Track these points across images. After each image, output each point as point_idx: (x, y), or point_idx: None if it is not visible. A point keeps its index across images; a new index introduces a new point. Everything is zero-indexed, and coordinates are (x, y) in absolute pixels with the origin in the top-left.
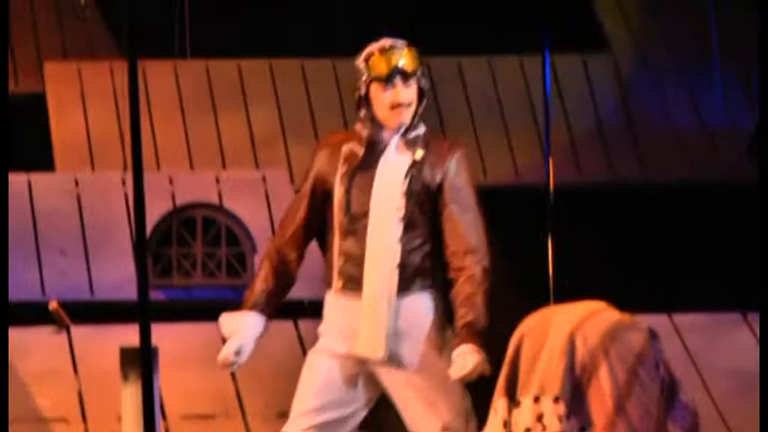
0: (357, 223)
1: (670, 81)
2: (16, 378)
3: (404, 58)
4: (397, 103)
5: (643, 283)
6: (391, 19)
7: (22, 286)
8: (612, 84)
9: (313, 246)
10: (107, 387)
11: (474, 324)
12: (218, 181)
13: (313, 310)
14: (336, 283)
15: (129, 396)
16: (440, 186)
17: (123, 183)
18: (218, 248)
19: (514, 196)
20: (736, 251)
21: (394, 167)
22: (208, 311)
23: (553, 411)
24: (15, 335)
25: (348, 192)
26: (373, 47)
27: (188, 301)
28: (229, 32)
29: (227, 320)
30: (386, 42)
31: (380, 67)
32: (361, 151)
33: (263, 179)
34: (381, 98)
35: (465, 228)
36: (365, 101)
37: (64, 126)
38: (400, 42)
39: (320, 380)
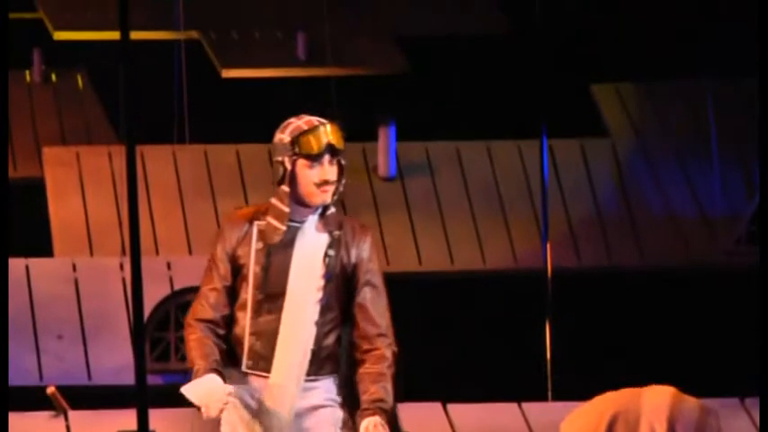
0: (273, 302)
1: (668, 167)
2: None
3: (333, 135)
4: (325, 180)
5: (641, 369)
6: (389, 103)
7: (19, 371)
8: (610, 169)
9: None
10: None
11: (384, 402)
12: None
13: None
14: (246, 361)
15: None
16: (354, 268)
17: (121, 267)
18: None
19: (513, 282)
20: (734, 337)
21: (312, 247)
22: None
23: None
24: (14, 420)
25: (265, 270)
26: (299, 122)
27: (184, 384)
28: (228, 115)
29: (195, 388)
30: (312, 119)
31: (311, 145)
32: (280, 228)
33: None
34: (308, 175)
35: (378, 311)
36: (290, 177)
37: (62, 211)
38: (323, 119)
39: None
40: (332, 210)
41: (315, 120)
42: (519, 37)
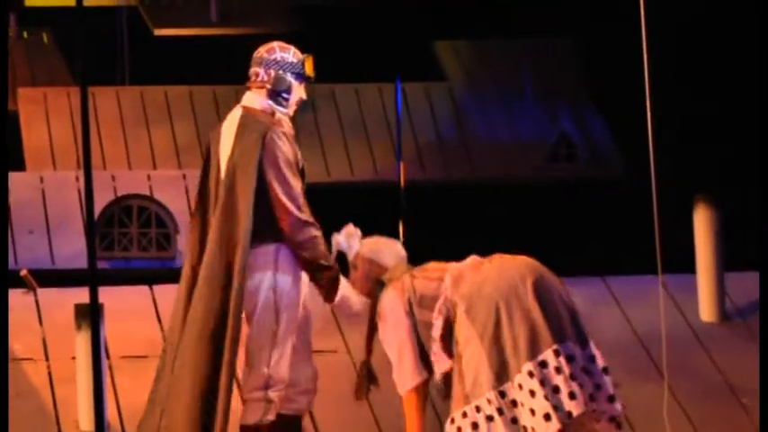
0: None
1: (492, 104)
2: None
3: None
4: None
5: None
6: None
7: None
8: (449, 106)
9: None
10: (65, 335)
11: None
12: (149, 178)
13: None
14: None
15: (82, 341)
16: None
17: (77, 179)
18: (150, 229)
19: (375, 190)
20: (543, 237)
21: None
22: (141, 277)
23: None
24: None
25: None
26: (294, 49)
27: (126, 269)
28: (159, 64)
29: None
30: (297, 50)
31: (311, 70)
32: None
33: (184, 176)
34: (301, 93)
35: None
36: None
37: (32, 136)
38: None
39: None
40: None
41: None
42: (381, 5)
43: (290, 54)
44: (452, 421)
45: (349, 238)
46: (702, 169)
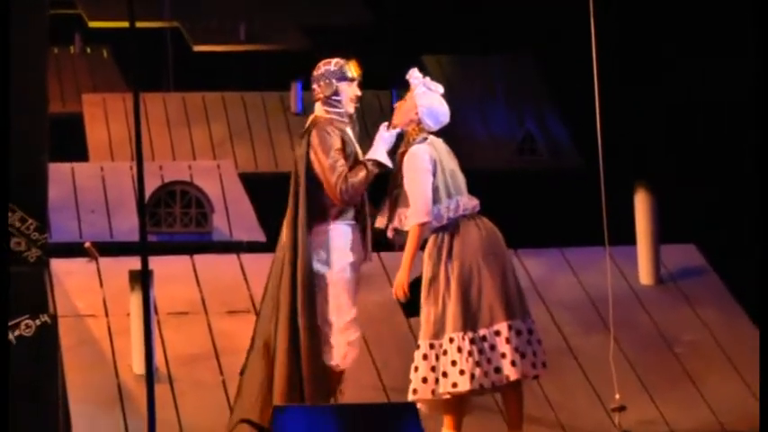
0: None
1: (470, 107)
2: (62, 291)
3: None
4: (358, 95)
5: None
6: (297, 67)
7: (67, 233)
8: None
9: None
10: (121, 295)
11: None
12: (190, 167)
13: (251, 248)
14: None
15: (135, 301)
16: None
17: (131, 168)
18: (190, 209)
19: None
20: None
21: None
22: (183, 248)
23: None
24: (62, 264)
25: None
26: (336, 60)
27: (171, 242)
28: (197, 74)
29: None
30: (339, 59)
31: (353, 70)
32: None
33: (218, 166)
34: (351, 91)
35: None
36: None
37: (94, 134)
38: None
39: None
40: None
41: (341, 59)
42: (379, 27)
43: (332, 64)
44: (418, 347)
45: (417, 75)
46: (642, 160)
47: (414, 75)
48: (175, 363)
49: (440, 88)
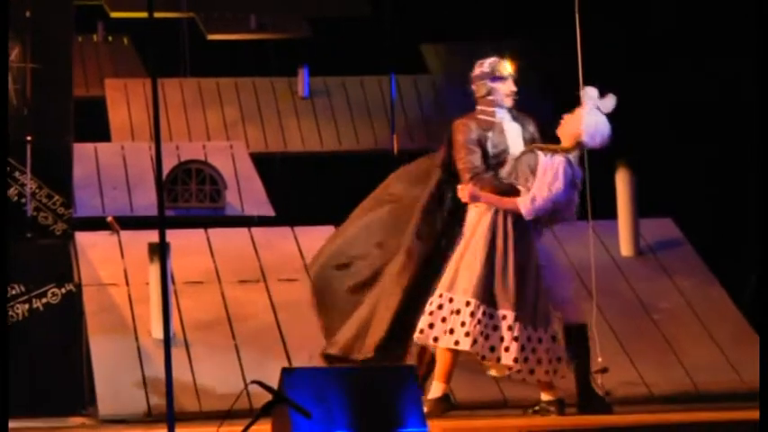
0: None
1: (463, 91)
2: (86, 261)
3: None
4: (513, 90)
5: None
6: (305, 54)
7: (90, 208)
8: (431, 92)
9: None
10: (141, 266)
11: None
12: (204, 147)
13: (261, 222)
14: None
15: (154, 270)
16: None
17: (150, 148)
18: (205, 186)
19: (375, 157)
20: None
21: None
22: (198, 222)
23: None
24: (86, 237)
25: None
26: (489, 60)
27: (187, 216)
28: (212, 61)
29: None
30: (493, 59)
31: (501, 69)
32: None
33: (231, 146)
34: (506, 87)
35: None
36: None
37: (116, 116)
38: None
39: None
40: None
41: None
42: (381, 17)
43: (485, 65)
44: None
45: (590, 94)
46: (623, 140)
47: (589, 93)
48: (191, 328)
49: (609, 105)
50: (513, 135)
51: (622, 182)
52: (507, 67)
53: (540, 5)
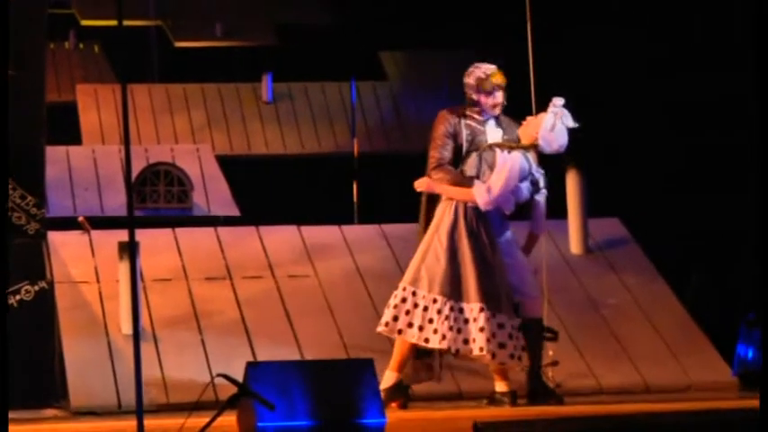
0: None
1: (418, 97)
2: (58, 260)
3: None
4: (500, 102)
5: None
6: (267, 61)
7: (62, 208)
8: (389, 98)
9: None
10: (111, 264)
11: None
12: (172, 150)
13: (227, 222)
14: None
15: (123, 268)
16: None
17: (119, 151)
18: (173, 187)
19: (336, 159)
20: None
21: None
22: (166, 222)
23: None
24: (59, 236)
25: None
26: (480, 72)
27: (155, 216)
28: (179, 67)
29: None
30: (483, 72)
31: (491, 85)
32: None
33: (197, 150)
34: (490, 101)
35: None
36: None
37: (87, 120)
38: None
39: None
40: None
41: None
42: (342, 26)
43: (472, 78)
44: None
45: (557, 104)
46: (572, 144)
47: (555, 103)
48: (159, 324)
49: (569, 122)
50: (495, 138)
51: (572, 184)
52: (493, 82)
53: (492, 19)
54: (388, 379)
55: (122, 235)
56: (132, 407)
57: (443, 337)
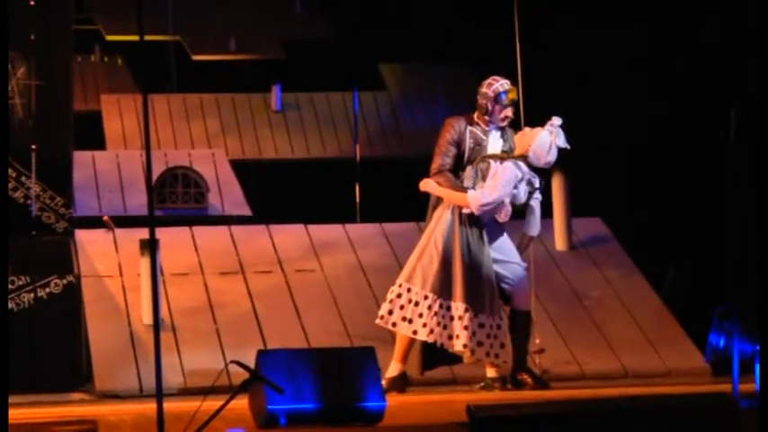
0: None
1: (415, 106)
2: (85, 256)
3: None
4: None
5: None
6: (278, 73)
7: (88, 209)
8: (388, 106)
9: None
10: (133, 259)
11: None
12: (189, 155)
13: (239, 221)
14: None
15: (144, 263)
16: None
17: (141, 155)
18: (190, 189)
19: (339, 163)
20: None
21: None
22: (184, 221)
23: None
24: (85, 234)
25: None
26: (497, 85)
27: (174, 215)
28: (196, 79)
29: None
30: (500, 85)
31: (508, 99)
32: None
33: (213, 154)
34: (502, 114)
35: None
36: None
37: (110, 127)
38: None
39: None
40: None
41: (508, 83)
42: (345, 40)
43: (491, 89)
44: (400, 286)
45: (554, 123)
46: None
47: (553, 122)
48: (178, 315)
49: (561, 142)
50: (495, 147)
51: (558, 185)
52: (510, 97)
53: (484, 35)
54: (392, 369)
55: (143, 233)
56: (153, 391)
57: (431, 331)
